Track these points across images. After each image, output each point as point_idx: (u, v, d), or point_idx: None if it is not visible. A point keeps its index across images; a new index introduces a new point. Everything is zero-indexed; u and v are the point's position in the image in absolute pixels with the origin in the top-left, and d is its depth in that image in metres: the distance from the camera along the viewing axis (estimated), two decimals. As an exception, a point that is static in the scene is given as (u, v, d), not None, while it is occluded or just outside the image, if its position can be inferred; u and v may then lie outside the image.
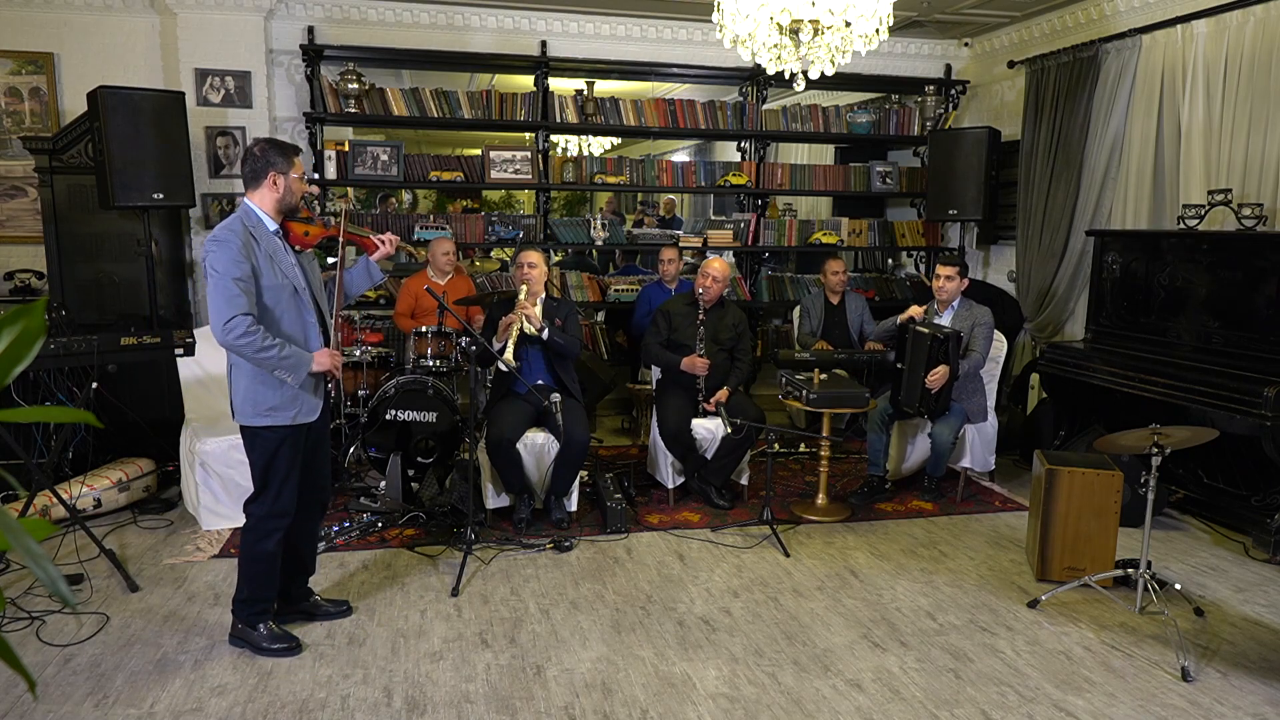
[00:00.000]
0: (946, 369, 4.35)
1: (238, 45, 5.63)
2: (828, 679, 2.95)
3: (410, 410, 4.50)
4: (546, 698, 2.80)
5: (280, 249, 2.93)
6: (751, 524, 4.32)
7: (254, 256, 2.81)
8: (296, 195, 2.93)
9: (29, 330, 0.80)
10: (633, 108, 6.34)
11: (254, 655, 3.01)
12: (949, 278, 4.64)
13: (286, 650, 3.02)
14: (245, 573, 3.03)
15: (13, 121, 5.61)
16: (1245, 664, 3.09)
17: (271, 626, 3.06)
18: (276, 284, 2.87)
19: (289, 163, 2.90)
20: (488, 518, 4.23)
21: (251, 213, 2.89)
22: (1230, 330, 4.27)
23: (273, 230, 2.92)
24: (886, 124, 6.78)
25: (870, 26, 3.19)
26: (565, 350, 4.31)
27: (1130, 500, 3.94)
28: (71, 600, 0.77)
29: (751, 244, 6.64)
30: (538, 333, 4.15)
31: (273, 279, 2.86)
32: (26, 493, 3.73)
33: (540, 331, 4.16)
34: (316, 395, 2.99)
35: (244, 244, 2.79)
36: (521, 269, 4.30)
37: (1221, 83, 4.67)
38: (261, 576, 3.03)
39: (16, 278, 5.57)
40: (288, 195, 2.92)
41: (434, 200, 11.42)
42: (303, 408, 2.94)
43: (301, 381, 2.90)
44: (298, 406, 2.93)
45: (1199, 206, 4.51)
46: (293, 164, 2.91)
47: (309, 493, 3.13)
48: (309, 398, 2.96)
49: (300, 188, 2.94)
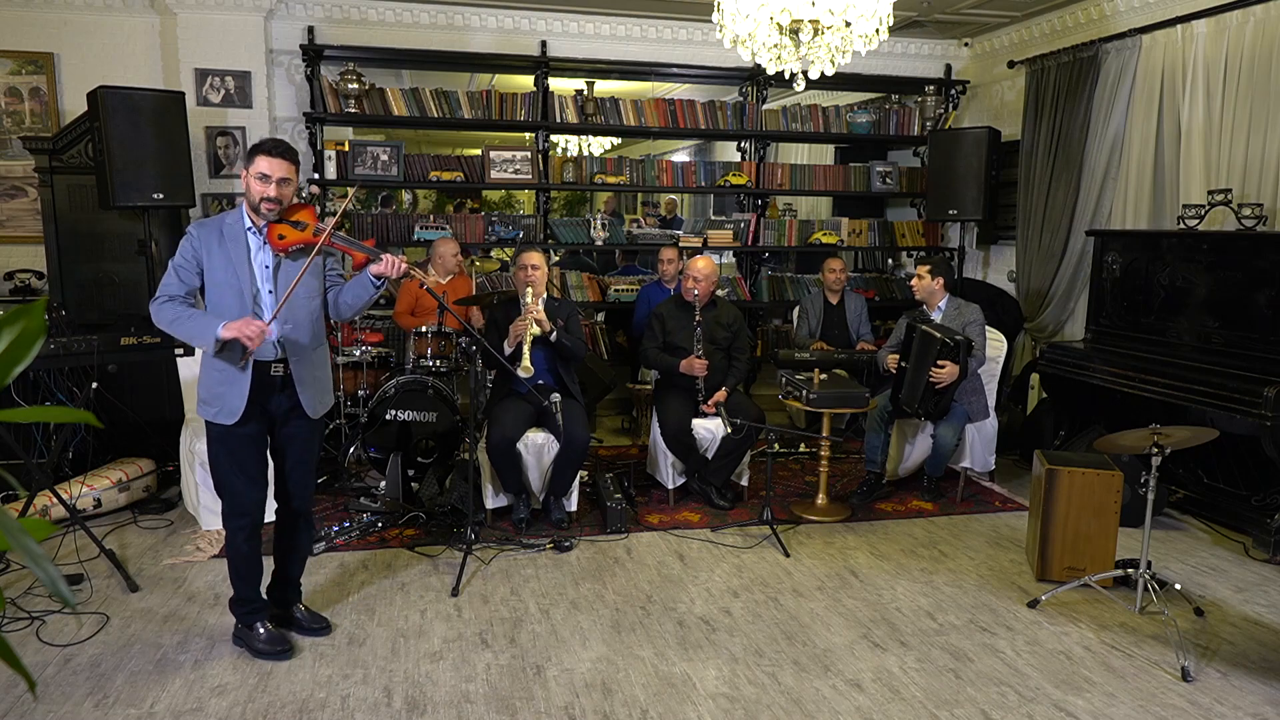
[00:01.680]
0: (955, 368, 4.34)
1: (238, 45, 5.63)
2: (828, 679, 2.95)
3: (410, 410, 4.50)
4: (546, 698, 2.80)
5: (246, 248, 2.85)
6: (751, 524, 4.32)
7: (209, 251, 2.82)
8: (254, 195, 2.81)
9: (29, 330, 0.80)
10: (633, 108, 6.34)
11: (254, 655, 3.02)
12: (919, 276, 4.76)
13: (278, 653, 3.00)
14: (229, 571, 3.07)
15: (13, 121, 5.61)
16: (1245, 664, 3.09)
17: (267, 627, 3.05)
18: (222, 282, 2.82)
19: (249, 160, 2.83)
20: (488, 518, 4.23)
21: (239, 209, 2.90)
22: (1230, 330, 4.27)
23: (246, 228, 2.86)
24: (886, 124, 6.78)
25: (870, 26, 3.19)
26: (571, 352, 4.30)
27: (1130, 500, 3.94)
28: (71, 600, 0.77)
29: (751, 244, 6.64)
30: (545, 335, 4.15)
31: (220, 276, 2.82)
32: (26, 493, 3.73)
33: (549, 334, 4.15)
34: (238, 398, 2.83)
35: (204, 237, 2.82)
36: (524, 270, 4.27)
37: (1221, 83, 4.67)
38: (239, 575, 3.03)
39: (16, 278, 5.57)
40: (249, 193, 2.83)
41: (434, 200, 11.42)
42: (223, 407, 2.84)
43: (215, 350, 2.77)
44: (218, 406, 2.85)
45: (1199, 206, 4.51)
46: (252, 161, 2.81)
47: (280, 502, 3.11)
48: (230, 398, 2.83)
49: (256, 187, 2.79)
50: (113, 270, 5.27)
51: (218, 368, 2.84)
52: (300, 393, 2.93)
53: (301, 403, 2.94)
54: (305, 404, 2.94)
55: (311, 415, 2.99)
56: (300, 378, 2.93)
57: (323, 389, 3.04)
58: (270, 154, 2.80)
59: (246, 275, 2.84)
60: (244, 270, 2.84)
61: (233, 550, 3.01)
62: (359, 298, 2.96)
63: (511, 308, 4.35)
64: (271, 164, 2.80)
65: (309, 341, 2.95)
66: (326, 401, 3.06)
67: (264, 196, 2.79)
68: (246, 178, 2.82)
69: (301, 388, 2.93)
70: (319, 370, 3.02)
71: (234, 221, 2.87)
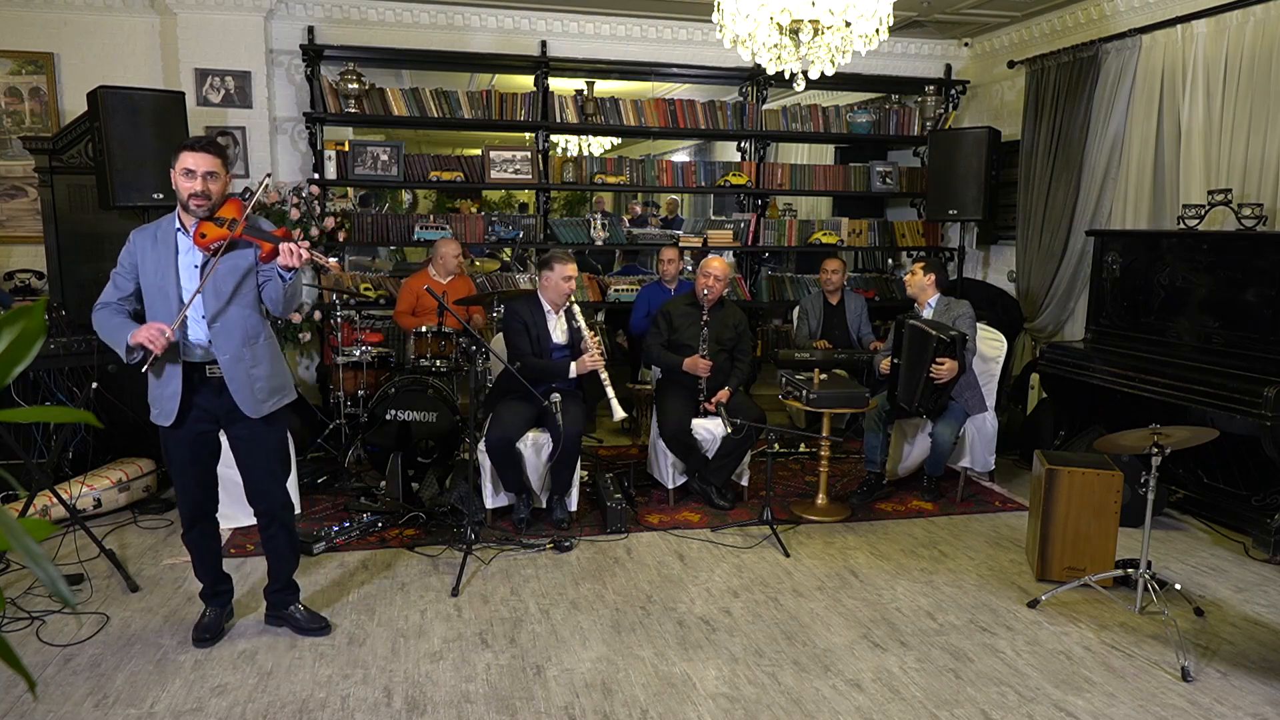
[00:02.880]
0: (955, 364, 4.33)
1: (238, 45, 5.63)
2: (828, 679, 2.95)
3: (410, 410, 4.50)
4: (546, 698, 2.80)
5: (174, 250, 2.83)
6: (751, 524, 4.32)
7: (143, 255, 2.82)
8: (181, 192, 2.75)
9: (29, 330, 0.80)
10: (633, 108, 6.34)
11: (253, 655, 3.02)
12: (912, 272, 4.85)
13: (198, 639, 3.07)
14: None
15: (13, 121, 5.61)
16: (1245, 664, 3.09)
17: (208, 614, 3.15)
18: (152, 285, 2.82)
19: (174, 157, 2.78)
20: (488, 518, 4.23)
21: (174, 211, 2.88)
22: (1230, 330, 4.27)
23: (176, 229, 2.84)
24: (886, 124, 6.78)
25: (870, 26, 3.19)
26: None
27: (1130, 500, 3.94)
28: (71, 600, 0.77)
29: (751, 244, 6.64)
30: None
31: (151, 279, 2.82)
32: (26, 493, 3.73)
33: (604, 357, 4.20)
34: (171, 400, 2.84)
35: (140, 242, 2.84)
36: (569, 282, 4.21)
37: (1221, 83, 4.67)
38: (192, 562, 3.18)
39: (16, 278, 5.57)
40: (177, 191, 2.77)
41: (434, 200, 11.42)
42: (161, 409, 2.87)
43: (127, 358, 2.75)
44: (157, 408, 2.89)
45: (1199, 206, 4.51)
46: (177, 157, 2.76)
47: (252, 502, 3.12)
48: (164, 399, 2.86)
49: (183, 184, 2.74)
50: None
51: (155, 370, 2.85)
52: (234, 393, 2.88)
53: (236, 403, 2.89)
54: (240, 404, 2.89)
55: (252, 415, 2.92)
56: (232, 376, 2.87)
57: (263, 388, 2.93)
58: (193, 149, 2.76)
59: (171, 277, 2.81)
60: (169, 272, 2.81)
61: (185, 540, 3.11)
62: (276, 290, 2.84)
63: (535, 310, 4.28)
64: (196, 159, 2.75)
65: (241, 338, 2.87)
66: (270, 402, 2.97)
67: (191, 193, 2.74)
68: (174, 176, 2.78)
69: (234, 387, 2.87)
70: (256, 368, 2.91)
71: (166, 224, 2.86)
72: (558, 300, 4.26)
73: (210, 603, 3.17)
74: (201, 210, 2.77)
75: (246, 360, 2.89)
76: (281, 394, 3.02)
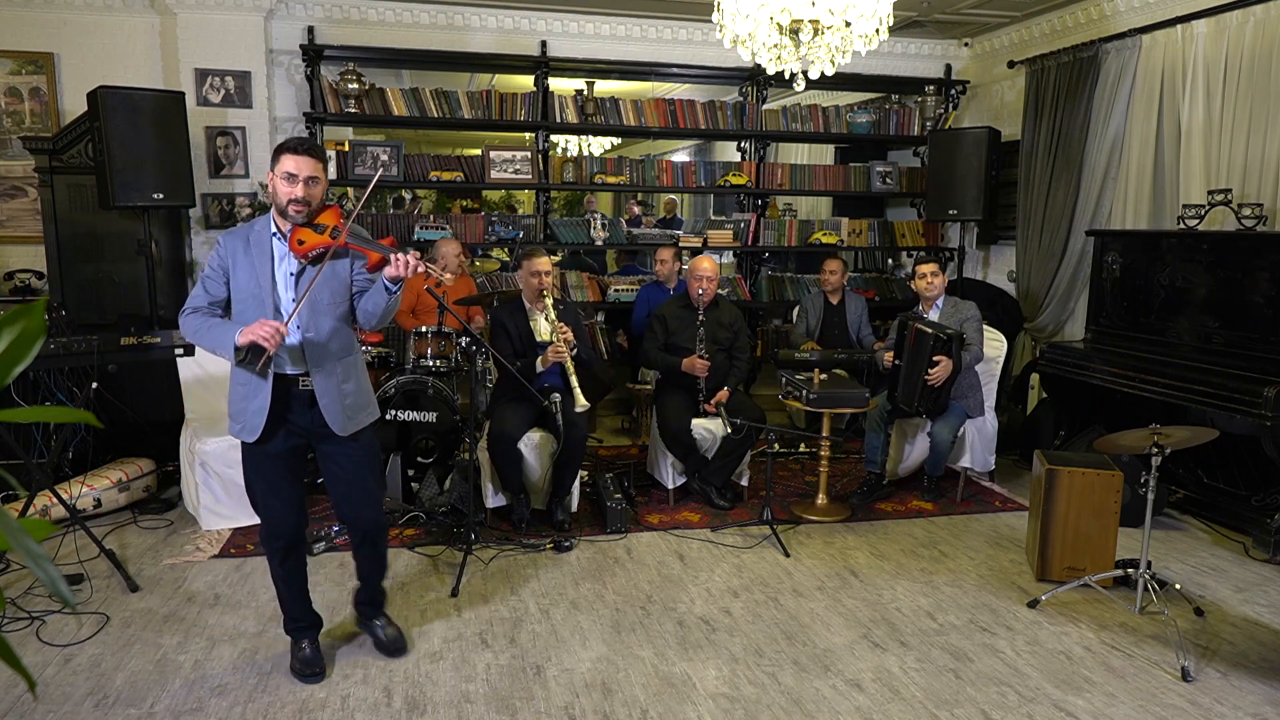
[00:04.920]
0: (950, 362, 4.33)
1: (238, 45, 5.63)
2: (828, 679, 2.95)
3: (410, 410, 4.49)
4: (546, 698, 2.80)
5: (270, 256, 2.71)
6: (751, 524, 4.32)
7: (235, 260, 2.70)
8: (280, 197, 2.64)
9: (29, 330, 0.80)
10: (633, 108, 6.34)
11: (253, 655, 3.02)
12: (934, 274, 4.70)
13: (306, 675, 2.88)
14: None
15: (13, 121, 5.61)
16: (1245, 664, 3.09)
17: (308, 648, 2.94)
18: (245, 291, 2.69)
19: (274, 160, 2.67)
20: (487, 518, 4.23)
21: (268, 215, 2.76)
22: (1230, 330, 4.27)
23: (272, 234, 2.71)
24: (886, 124, 6.78)
25: (870, 26, 3.19)
26: (588, 363, 4.31)
27: (1130, 500, 3.94)
28: (71, 600, 0.77)
29: (751, 244, 6.64)
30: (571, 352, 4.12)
31: (244, 285, 2.69)
32: (26, 493, 3.73)
33: (573, 350, 4.14)
34: (258, 414, 2.70)
35: (231, 246, 2.70)
36: (537, 278, 4.19)
37: (1221, 83, 4.67)
38: (279, 595, 2.96)
39: (16, 278, 5.57)
40: (275, 195, 2.66)
41: (434, 200, 11.42)
42: (245, 424, 2.72)
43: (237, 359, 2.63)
44: (241, 422, 2.73)
45: (1199, 206, 4.51)
46: (277, 160, 2.65)
47: (344, 521, 3.03)
48: (250, 413, 2.71)
49: (282, 189, 2.63)
50: (112, 270, 5.27)
51: (240, 380, 2.71)
52: (324, 408, 2.73)
53: (326, 419, 2.74)
54: (330, 420, 2.73)
55: (339, 433, 2.76)
56: (324, 391, 2.73)
57: (352, 405, 2.80)
58: (295, 151, 2.63)
59: (268, 284, 2.69)
60: (266, 279, 2.69)
61: (271, 571, 2.92)
62: (377, 305, 2.71)
63: (516, 310, 4.32)
64: (298, 162, 2.62)
65: (334, 352, 2.75)
66: (360, 419, 2.83)
67: (291, 198, 2.62)
68: (272, 179, 2.66)
69: (325, 402, 2.73)
70: (346, 384, 2.79)
71: (261, 228, 2.72)
72: (531, 296, 4.27)
73: (304, 635, 2.96)
74: (300, 216, 2.64)
75: (338, 375, 2.77)
76: (367, 410, 2.89)
